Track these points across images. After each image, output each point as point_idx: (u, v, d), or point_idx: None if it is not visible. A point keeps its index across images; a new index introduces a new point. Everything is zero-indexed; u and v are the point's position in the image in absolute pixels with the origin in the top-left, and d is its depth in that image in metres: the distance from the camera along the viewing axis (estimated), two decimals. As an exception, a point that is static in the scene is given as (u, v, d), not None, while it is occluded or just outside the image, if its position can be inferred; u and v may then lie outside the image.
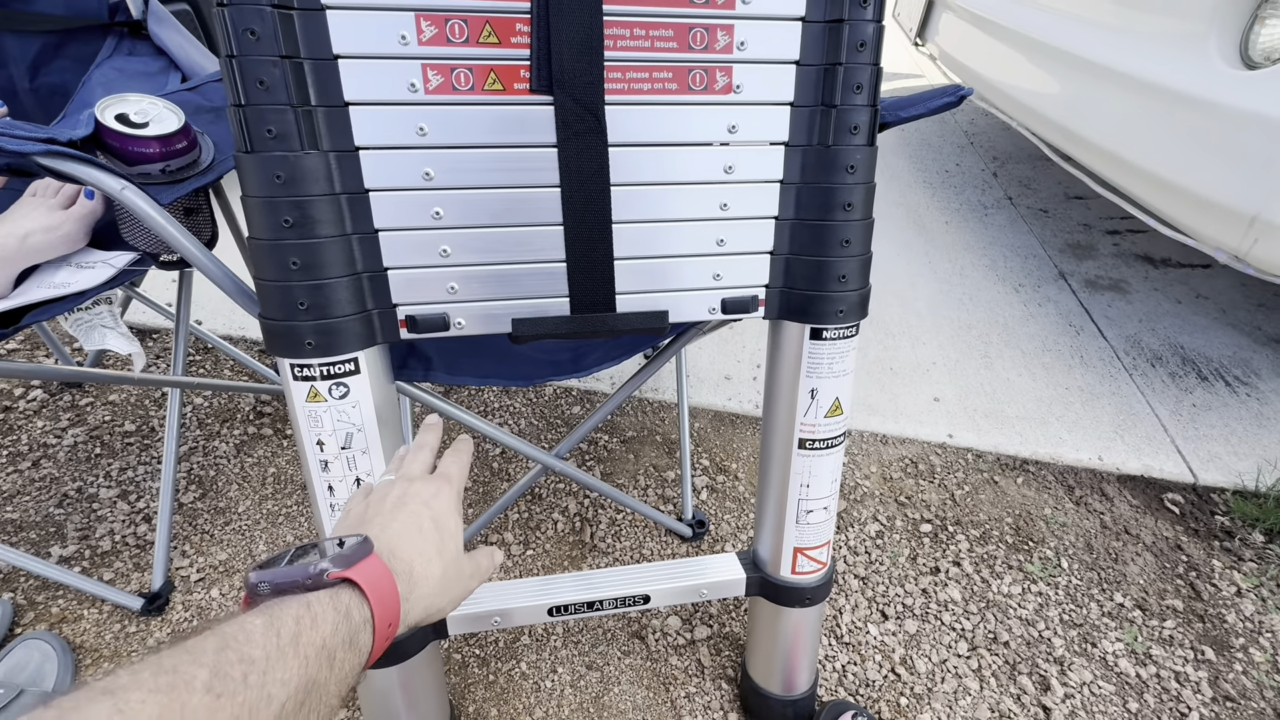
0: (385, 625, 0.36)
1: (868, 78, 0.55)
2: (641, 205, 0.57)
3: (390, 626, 0.37)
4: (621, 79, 0.53)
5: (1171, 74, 1.12)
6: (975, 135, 2.82)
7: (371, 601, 0.36)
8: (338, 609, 0.34)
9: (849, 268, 0.60)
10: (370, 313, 0.56)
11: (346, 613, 0.34)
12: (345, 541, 0.38)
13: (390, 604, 0.37)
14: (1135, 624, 1.01)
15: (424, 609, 0.41)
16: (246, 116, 0.48)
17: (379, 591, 0.36)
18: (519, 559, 1.06)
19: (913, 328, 1.64)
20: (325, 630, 0.33)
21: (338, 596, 0.35)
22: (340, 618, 0.34)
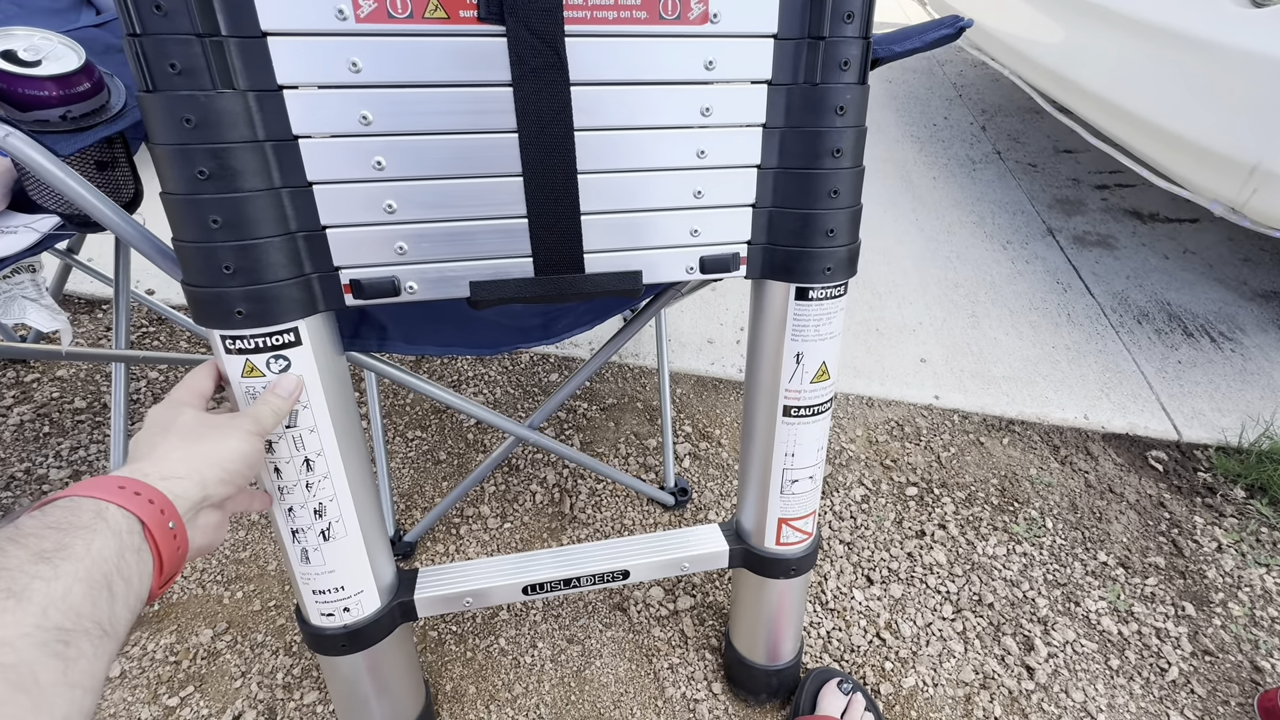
0: (109, 486, 0.38)
1: (860, 4, 0.49)
2: (609, 152, 0.51)
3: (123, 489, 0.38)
4: (583, 5, 0.47)
5: (1176, 15, 1.06)
6: (964, 88, 2.74)
7: (63, 495, 0.37)
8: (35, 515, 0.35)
9: (837, 220, 0.55)
10: (309, 277, 0.50)
11: (54, 507, 0.36)
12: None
13: (97, 482, 0.38)
14: (1118, 582, 1.01)
15: (184, 453, 0.43)
16: (144, 48, 0.41)
17: (72, 489, 0.37)
18: (496, 532, 1.03)
19: (899, 287, 1.60)
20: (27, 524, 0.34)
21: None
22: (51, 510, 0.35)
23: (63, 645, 0.31)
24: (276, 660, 0.85)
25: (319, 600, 0.59)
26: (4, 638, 0.30)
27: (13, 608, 0.30)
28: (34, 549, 0.33)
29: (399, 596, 0.65)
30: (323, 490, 0.55)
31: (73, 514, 0.35)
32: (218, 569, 0.96)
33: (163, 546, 0.39)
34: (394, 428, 1.19)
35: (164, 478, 0.41)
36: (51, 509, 0.36)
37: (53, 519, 0.35)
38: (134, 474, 0.40)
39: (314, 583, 0.59)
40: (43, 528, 0.34)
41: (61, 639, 0.31)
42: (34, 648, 0.30)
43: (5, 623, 0.30)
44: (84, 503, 0.36)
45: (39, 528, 0.34)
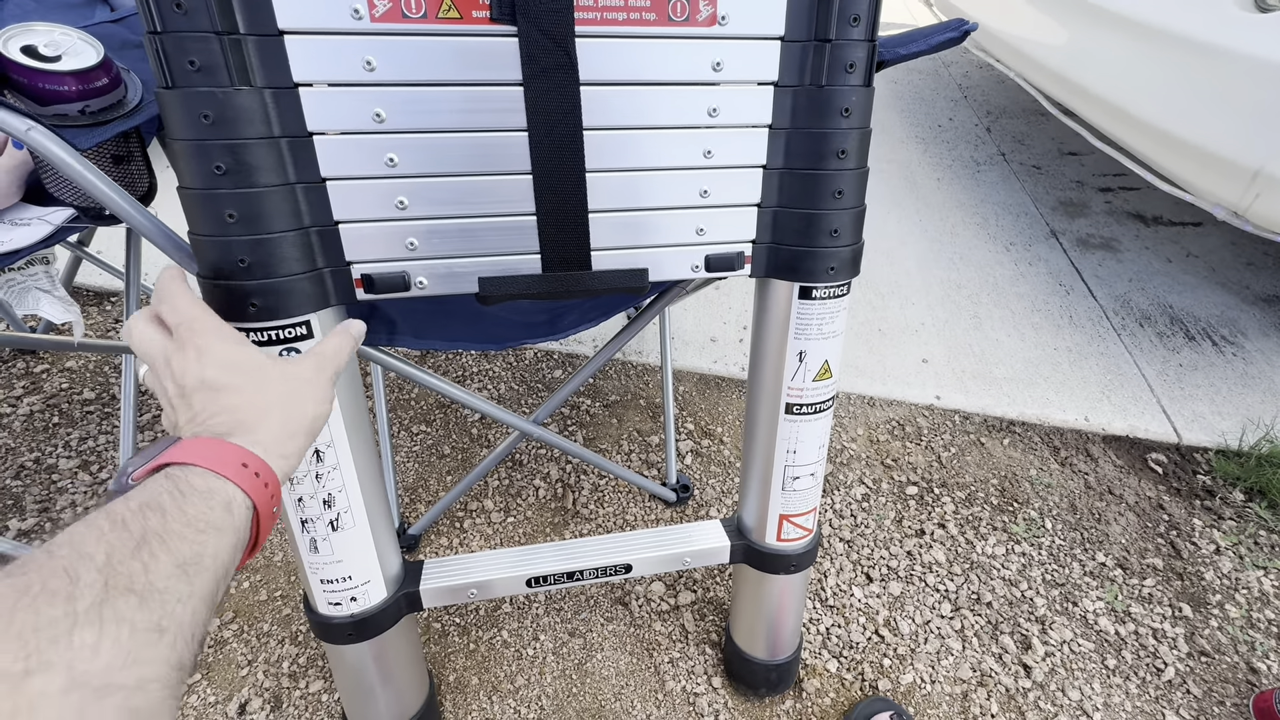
0: (236, 464, 0.36)
1: (866, 7, 0.50)
2: (618, 152, 0.52)
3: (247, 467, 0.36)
4: (593, 7, 0.47)
5: (1181, 19, 1.06)
6: (969, 89, 2.74)
7: (198, 462, 0.35)
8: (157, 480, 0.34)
9: (841, 221, 0.56)
10: (321, 271, 0.51)
11: (166, 477, 0.34)
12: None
13: (225, 454, 0.36)
14: (1116, 583, 1.02)
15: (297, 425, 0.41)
16: (164, 46, 0.42)
17: (201, 452, 0.35)
18: (499, 526, 1.04)
19: (902, 287, 1.61)
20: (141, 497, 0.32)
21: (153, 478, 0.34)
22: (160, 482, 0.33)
23: (180, 683, 0.29)
24: (282, 649, 0.87)
25: (327, 589, 0.60)
26: (145, 678, 0.27)
27: (155, 641, 0.28)
28: (177, 558, 0.31)
29: (405, 587, 0.66)
30: (332, 481, 0.56)
31: (208, 506, 0.34)
32: (224, 559, 0.97)
33: (263, 533, 0.37)
34: (399, 422, 1.20)
35: (281, 455, 0.39)
36: (190, 495, 0.33)
37: (191, 512, 0.33)
38: (253, 447, 0.38)
39: (322, 572, 0.60)
40: (184, 526, 0.32)
41: (180, 676, 0.29)
42: (162, 690, 0.28)
43: (148, 659, 0.27)
44: (216, 488, 0.35)
45: (181, 526, 0.32)
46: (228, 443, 0.37)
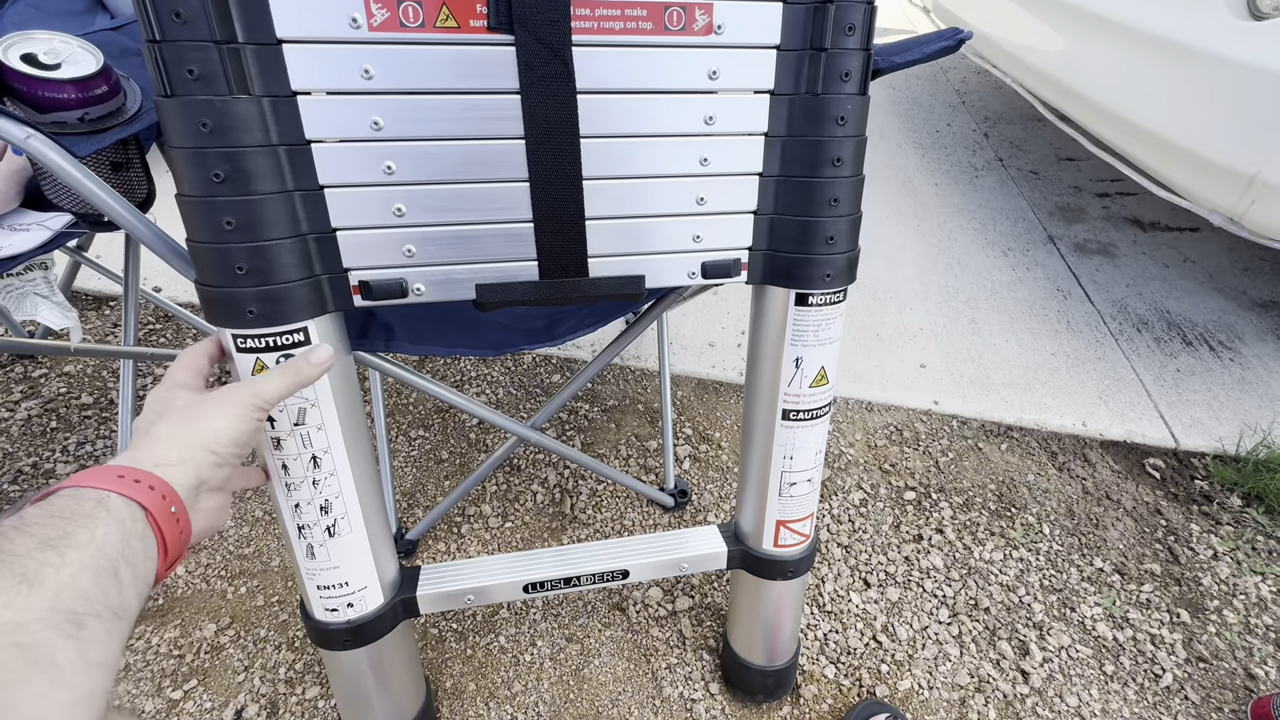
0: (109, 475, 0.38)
1: (861, 17, 0.50)
2: (615, 159, 0.52)
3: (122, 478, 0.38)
4: (590, 16, 0.48)
5: (1176, 25, 1.07)
6: (967, 94, 2.75)
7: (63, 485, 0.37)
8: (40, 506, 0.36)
9: (837, 228, 0.56)
10: (319, 278, 0.51)
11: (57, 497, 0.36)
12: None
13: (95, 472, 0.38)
14: (1114, 588, 1.02)
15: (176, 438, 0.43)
16: (163, 54, 0.42)
17: (71, 481, 0.38)
18: (497, 532, 1.04)
19: (900, 293, 1.61)
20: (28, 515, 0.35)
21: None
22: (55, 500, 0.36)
23: (75, 628, 0.32)
24: (279, 655, 0.86)
25: (323, 595, 0.60)
26: (19, 621, 0.31)
27: (25, 592, 0.31)
28: (40, 537, 0.34)
29: (401, 593, 0.66)
30: (329, 487, 0.56)
31: (76, 503, 0.36)
32: (221, 564, 0.97)
33: (166, 531, 0.39)
34: (397, 426, 1.20)
35: (157, 465, 0.41)
36: (55, 499, 0.36)
37: (56, 508, 0.36)
38: (130, 462, 0.41)
39: (319, 578, 0.60)
40: (47, 517, 0.35)
41: (74, 621, 0.32)
42: (49, 630, 0.31)
43: (19, 607, 0.31)
44: (86, 493, 0.37)
45: (43, 517, 0.35)
46: (105, 465, 0.40)
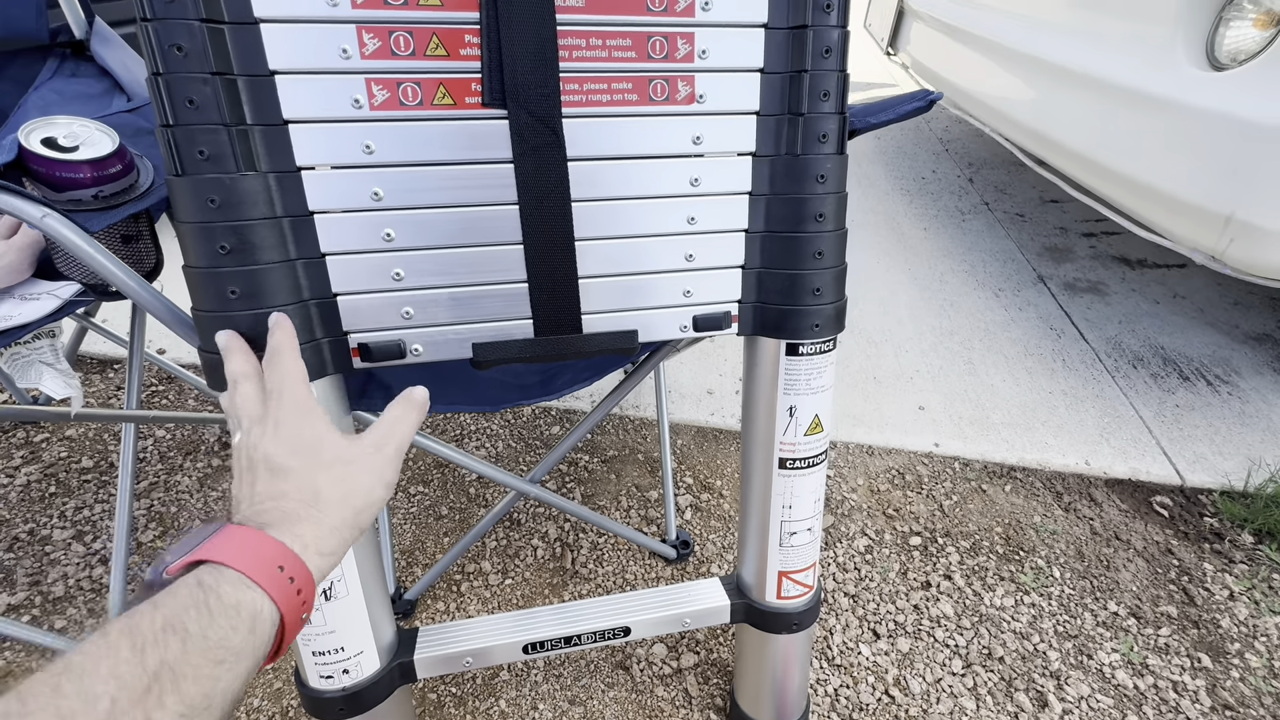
0: (272, 568, 0.35)
1: (835, 84, 0.53)
2: (605, 221, 0.55)
3: (283, 570, 0.35)
4: (579, 90, 0.51)
5: (1141, 77, 1.12)
6: (950, 142, 2.85)
7: (233, 564, 0.34)
8: (188, 583, 0.33)
9: (823, 280, 0.58)
10: (319, 342, 0.52)
11: (198, 583, 0.33)
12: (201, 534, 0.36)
13: (263, 553, 0.35)
14: (1130, 633, 0.99)
15: (340, 518, 0.39)
16: (175, 137, 0.45)
17: (238, 551, 0.34)
18: (497, 589, 1.02)
19: (895, 336, 1.63)
20: (167, 610, 0.31)
21: (185, 579, 0.33)
22: (191, 589, 0.32)
23: None
24: (272, 726, 0.84)
25: (318, 662, 0.59)
26: None
27: None
28: (185, 703, 0.30)
29: (398, 657, 0.65)
30: (326, 549, 0.56)
31: (232, 628, 0.32)
32: (216, 630, 0.95)
33: (286, 642, 0.36)
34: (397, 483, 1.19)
35: (320, 553, 0.38)
36: (217, 614, 0.32)
37: (213, 638, 0.31)
38: (293, 543, 0.37)
39: (314, 643, 0.59)
40: (201, 658, 0.31)
41: None
42: None
43: None
44: (245, 602, 0.33)
45: (199, 659, 0.31)
46: (269, 538, 0.36)
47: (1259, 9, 0.98)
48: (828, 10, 0.52)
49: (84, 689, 0.27)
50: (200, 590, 0.32)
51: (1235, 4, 1.01)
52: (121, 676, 0.28)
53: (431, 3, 0.47)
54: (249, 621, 0.33)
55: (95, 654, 0.28)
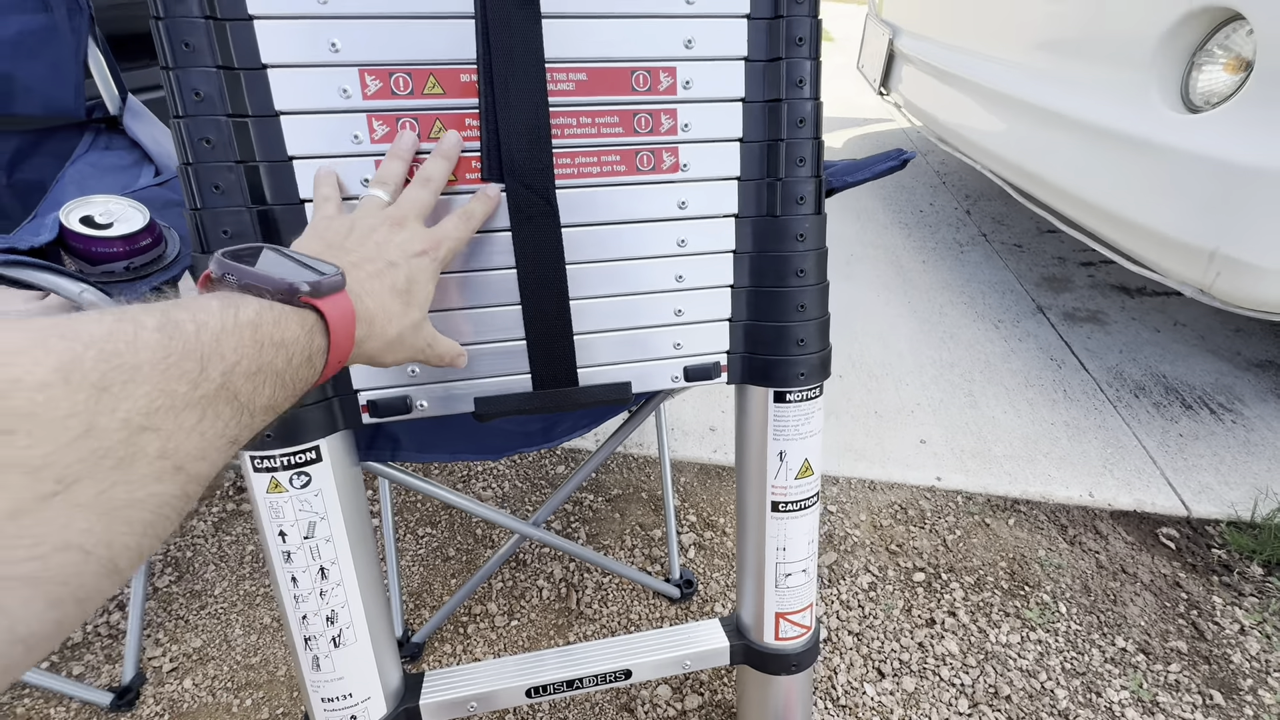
0: (335, 361, 0.36)
1: (810, 151, 0.57)
2: (598, 281, 0.58)
3: (339, 363, 0.37)
4: (571, 164, 0.55)
5: (1120, 119, 1.16)
6: (947, 175, 2.90)
7: (332, 337, 0.35)
8: (303, 325, 0.33)
9: (806, 331, 0.61)
10: (330, 400, 0.56)
11: (310, 333, 0.34)
12: (319, 268, 0.36)
13: (345, 344, 0.37)
14: (1139, 669, 0.99)
15: (367, 358, 0.41)
16: (203, 220, 0.49)
17: (340, 331, 0.36)
18: (503, 631, 1.03)
19: (895, 369, 1.65)
20: (287, 335, 0.32)
21: (303, 317, 0.34)
22: (304, 335, 0.33)
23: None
24: (281, 773, 0.85)
25: (327, 709, 0.61)
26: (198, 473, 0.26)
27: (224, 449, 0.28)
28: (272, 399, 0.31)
29: (405, 702, 0.66)
30: (335, 598, 0.58)
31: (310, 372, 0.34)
32: (228, 675, 0.97)
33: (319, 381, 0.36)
34: (405, 525, 1.22)
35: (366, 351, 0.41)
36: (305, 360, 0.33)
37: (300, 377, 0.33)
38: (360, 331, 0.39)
39: (323, 690, 0.61)
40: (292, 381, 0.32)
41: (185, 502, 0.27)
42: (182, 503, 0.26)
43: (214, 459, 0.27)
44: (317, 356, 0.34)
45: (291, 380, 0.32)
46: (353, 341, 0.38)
47: (1229, 54, 1.03)
48: (800, 85, 0.56)
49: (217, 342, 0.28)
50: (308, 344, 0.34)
51: (1206, 50, 1.05)
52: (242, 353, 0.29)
53: (435, 91, 0.51)
54: (311, 377, 0.35)
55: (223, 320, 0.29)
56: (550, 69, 0.52)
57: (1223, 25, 1.01)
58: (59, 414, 0.21)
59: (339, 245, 0.43)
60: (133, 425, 0.23)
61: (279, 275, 0.33)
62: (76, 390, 0.21)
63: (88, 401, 0.22)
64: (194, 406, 0.26)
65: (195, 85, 0.47)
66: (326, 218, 0.46)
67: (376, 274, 0.42)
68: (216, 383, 0.27)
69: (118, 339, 0.24)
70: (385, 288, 0.41)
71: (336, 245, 0.43)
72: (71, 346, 0.22)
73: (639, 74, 0.54)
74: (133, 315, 0.26)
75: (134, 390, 0.23)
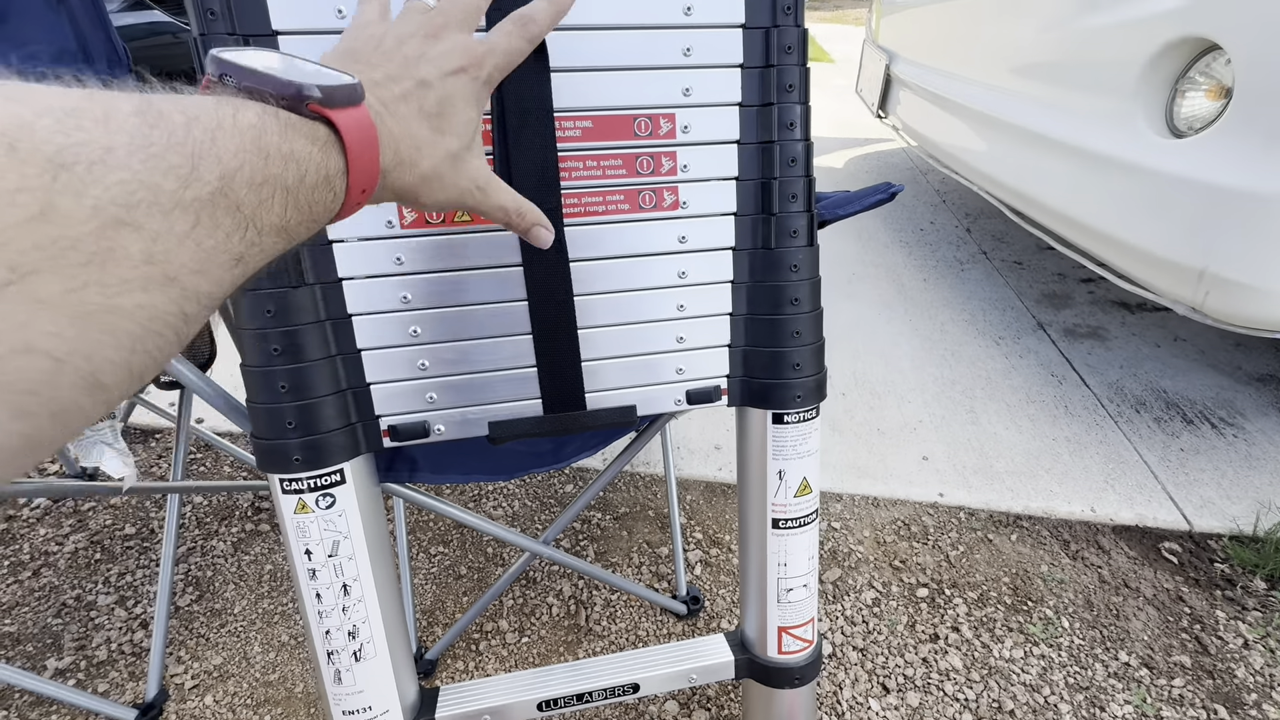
0: (358, 187, 0.30)
1: (801, 188, 0.61)
2: (604, 311, 0.62)
3: (364, 193, 0.31)
4: (578, 203, 0.59)
5: (1108, 143, 1.20)
6: (947, 194, 2.94)
7: (350, 156, 0.29)
8: (315, 139, 0.28)
9: (802, 356, 0.64)
10: (354, 425, 0.59)
11: (324, 149, 0.28)
12: (333, 76, 0.30)
13: (367, 168, 0.31)
14: (1143, 684, 1.00)
15: (400, 194, 0.35)
16: (240, 260, 0.53)
17: (360, 149, 0.30)
18: (514, 647, 1.06)
19: (897, 386, 1.67)
20: (297, 147, 0.27)
21: (314, 129, 0.28)
22: (318, 150, 0.28)
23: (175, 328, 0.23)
24: (300, 787, 0.87)
25: (348, 721, 0.64)
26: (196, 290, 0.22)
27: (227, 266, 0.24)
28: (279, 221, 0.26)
29: (421, 715, 0.69)
30: (357, 613, 0.61)
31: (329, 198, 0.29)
32: (248, 692, 0.99)
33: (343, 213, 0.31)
34: (418, 544, 1.25)
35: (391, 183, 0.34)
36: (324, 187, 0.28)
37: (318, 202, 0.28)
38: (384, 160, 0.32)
39: (344, 703, 0.63)
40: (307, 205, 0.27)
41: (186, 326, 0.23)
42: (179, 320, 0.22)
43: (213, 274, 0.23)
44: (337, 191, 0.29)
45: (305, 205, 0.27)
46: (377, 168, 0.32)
47: (1210, 81, 1.06)
48: (791, 128, 0.60)
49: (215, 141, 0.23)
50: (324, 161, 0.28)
51: (1188, 77, 1.09)
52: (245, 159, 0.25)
53: (453, 140, 0.56)
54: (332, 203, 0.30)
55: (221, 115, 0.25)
56: (559, 117, 0.56)
57: (1203, 54, 1.05)
58: (4, 186, 0.17)
59: (364, 59, 0.36)
60: (105, 216, 0.19)
61: (285, 77, 0.28)
62: (27, 160, 0.18)
63: (41, 177, 0.18)
64: (185, 209, 0.22)
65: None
66: (362, 24, 0.38)
67: (403, 95, 0.34)
68: (212, 186, 0.23)
69: (84, 115, 0.20)
70: (412, 110, 0.34)
71: (361, 58, 0.36)
72: (18, 111, 0.18)
73: (641, 120, 0.58)
74: (103, 95, 0.21)
75: (104, 175, 0.19)
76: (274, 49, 0.35)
